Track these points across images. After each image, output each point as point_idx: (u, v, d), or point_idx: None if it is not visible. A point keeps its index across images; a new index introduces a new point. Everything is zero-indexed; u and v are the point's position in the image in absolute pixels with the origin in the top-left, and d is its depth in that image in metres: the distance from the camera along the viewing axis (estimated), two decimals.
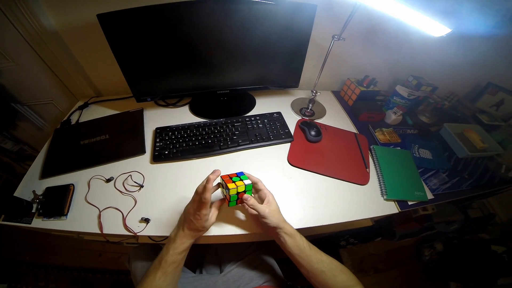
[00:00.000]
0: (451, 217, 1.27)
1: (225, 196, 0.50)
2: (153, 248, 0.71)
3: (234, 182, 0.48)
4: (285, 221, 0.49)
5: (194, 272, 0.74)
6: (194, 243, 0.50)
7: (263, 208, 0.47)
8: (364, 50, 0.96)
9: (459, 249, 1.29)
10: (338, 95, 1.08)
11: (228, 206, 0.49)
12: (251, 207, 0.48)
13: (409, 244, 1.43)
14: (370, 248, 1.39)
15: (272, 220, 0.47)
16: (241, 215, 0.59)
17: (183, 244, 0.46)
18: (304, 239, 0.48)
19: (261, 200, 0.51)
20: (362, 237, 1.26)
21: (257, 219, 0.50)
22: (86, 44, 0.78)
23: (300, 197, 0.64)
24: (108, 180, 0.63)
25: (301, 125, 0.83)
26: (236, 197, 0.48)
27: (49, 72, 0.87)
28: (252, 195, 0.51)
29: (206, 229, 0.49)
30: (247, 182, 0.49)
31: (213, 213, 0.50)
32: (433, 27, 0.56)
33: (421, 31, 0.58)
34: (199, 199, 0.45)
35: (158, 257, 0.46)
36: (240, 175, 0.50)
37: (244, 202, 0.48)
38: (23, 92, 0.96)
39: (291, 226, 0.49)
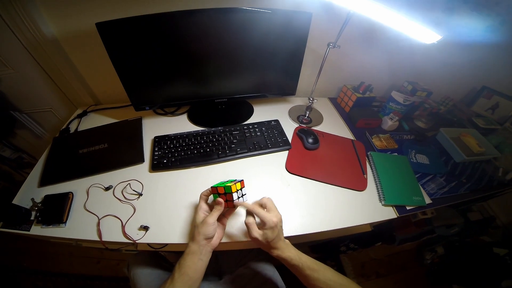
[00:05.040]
0: (451, 221, 1.26)
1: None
2: (152, 255, 0.71)
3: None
4: (282, 240, 0.49)
5: None
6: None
7: (269, 216, 0.48)
8: (360, 56, 0.97)
9: (461, 252, 1.29)
10: (335, 102, 1.09)
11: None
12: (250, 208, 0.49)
13: (410, 248, 1.42)
14: (370, 253, 1.38)
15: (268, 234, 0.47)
16: (242, 222, 0.59)
17: (188, 247, 0.47)
18: (306, 262, 0.47)
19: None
20: (362, 242, 1.25)
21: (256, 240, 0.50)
22: (86, 52, 0.78)
23: (299, 204, 0.64)
24: (107, 189, 0.64)
25: (298, 133, 0.84)
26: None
27: (48, 80, 0.87)
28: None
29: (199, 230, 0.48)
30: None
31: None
32: (424, 34, 0.57)
33: (413, 38, 0.59)
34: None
35: None
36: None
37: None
38: (22, 100, 0.96)
39: (290, 251, 0.48)
